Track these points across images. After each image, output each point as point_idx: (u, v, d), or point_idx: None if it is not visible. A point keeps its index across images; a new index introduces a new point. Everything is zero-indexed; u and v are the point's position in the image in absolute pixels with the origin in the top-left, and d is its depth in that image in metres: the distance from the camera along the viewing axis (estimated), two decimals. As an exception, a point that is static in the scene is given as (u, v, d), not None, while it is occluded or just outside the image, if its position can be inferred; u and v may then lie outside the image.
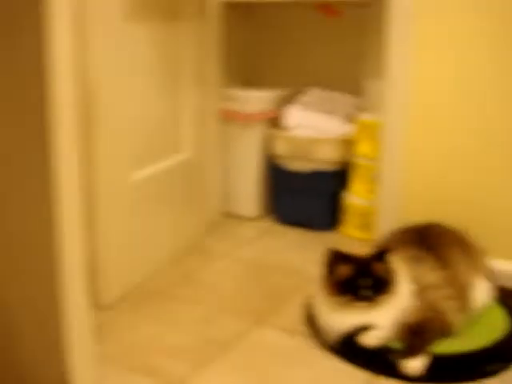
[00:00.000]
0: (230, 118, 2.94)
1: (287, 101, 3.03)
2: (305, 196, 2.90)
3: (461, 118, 2.25)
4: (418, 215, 2.17)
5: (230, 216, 3.04)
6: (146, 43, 2.26)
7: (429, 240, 2.01)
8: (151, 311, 2.09)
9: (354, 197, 2.80)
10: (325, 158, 2.83)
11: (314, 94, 3.00)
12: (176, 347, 1.87)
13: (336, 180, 2.87)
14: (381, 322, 1.75)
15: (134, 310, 2.09)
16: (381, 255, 1.79)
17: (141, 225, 2.30)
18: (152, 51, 2.30)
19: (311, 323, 1.95)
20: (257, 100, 2.93)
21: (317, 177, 2.85)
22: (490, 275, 2.07)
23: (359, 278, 1.74)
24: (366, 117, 2.75)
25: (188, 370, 1.75)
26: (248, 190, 3.03)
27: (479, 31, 2.16)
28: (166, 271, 2.40)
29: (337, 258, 1.79)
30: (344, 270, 1.77)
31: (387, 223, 2.34)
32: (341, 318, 1.78)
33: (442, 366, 1.72)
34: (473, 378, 1.72)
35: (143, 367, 1.76)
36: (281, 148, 2.92)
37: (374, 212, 2.53)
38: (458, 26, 2.18)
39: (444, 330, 1.80)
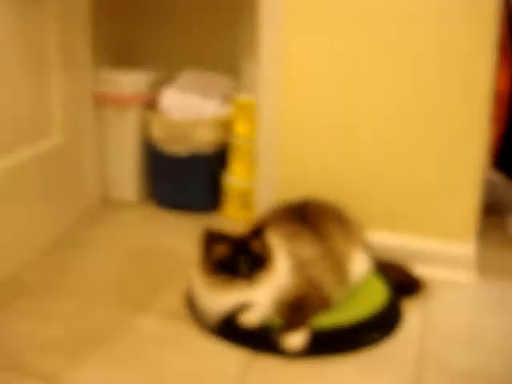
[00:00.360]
0: (104, 101, 2.82)
1: (163, 83, 2.95)
2: (184, 179, 2.84)
3: (332, 99, 2.26)
4: (296, 194, 2.16)
5: (109, 203, 2.92)
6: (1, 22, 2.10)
7: (306, 216, 2.01)
8: (21, 306, 1.96)
9: (234, 178, 2.77)
10: (202, 140, 2.77)
11: (190, 76, 2.93)
12: (49, 342, 1.76)
13: (215, 162, 2.83)
14: (260, 299, 1.73)
15: (2, 306, 1.95)
16: (257, 233, 1.76)
17: (8, 216, 2.16)
18: (8, 31, 2.14)
19: (192, 307, 1.89)
20: (131, 82, 2.82)
21: (195, 159, 2.79)
22: (368, 248, 2.11)
23: (236, 257, 1.71)
24: (242, 97, 2.73)
25: (62, 366, 1.65)
26: (126, 176, 2.93)
27: (350, 14, 2.17)
28: (39, 263, 2.26)
29: (213, 238, 1.74)
30: (221, 250, 1.73)
31: (266, 203, 2.33)
32: (220, 299, 1.74)
33: (321, 340, 1.72)
34: (351, 349, 1.74)
35: (13, 365, 1.65)
36: (157, 131, 2.83)
37: (253, 193, 2.51)
38: (330, 7, 2.19)
39: (323, 304, 1.81)
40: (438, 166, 2.21)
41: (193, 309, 1.88)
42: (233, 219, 2.74)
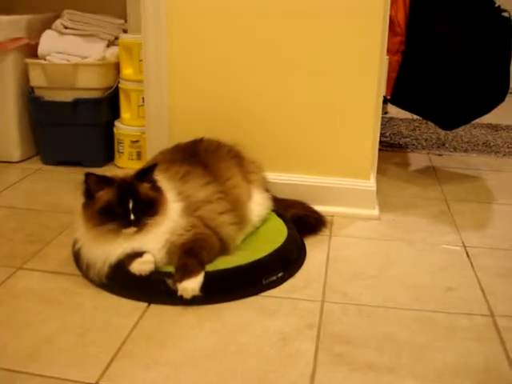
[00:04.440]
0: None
1: (43, 26, 2.70)
2: (71, 130, 2.63)
3: (220, 31, 2.12)
4: (189, 137, 2.02)
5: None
6: None
7: (199, 156, 1.89)
8: None
9: (124, 125, 2.60)
10: (87, 85, 2.57)
11: (72, 17, 2.69)
12: None
13: (103, 109, 2.63)
14: (151, 246, 1.59)
15: None
16: (145, 174, 1.62)
17: None
18: None
19: (79, 261, 1.72)
20: (5, 26, 2.57)
21: (81, 107, 2.58)
22: (268, 187, 2.03)
23: (123, 202, 1.55)
24: (127, 38, 2.54)
25: None
26: (7, 131, 2.69)
27: None
28: None
29: (96, 183, 1.58)
30: (105, 195, 1.57)
31: (158, 147, 2.17)
32: (107, 249, 1.58)
33: (220, 283, 1.61)
34: (253, 292, 1.64)
35: None
36: (38, 79, 2.60)
37: (145, 138, 2.35)
38: None
39: (221, 246, 1.69)
40: (334, 104, 2.12)
41: (80, 263, 1.71)
42: (127, 170, 2.56)
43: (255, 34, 2.10)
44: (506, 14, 2.38)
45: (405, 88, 2.47)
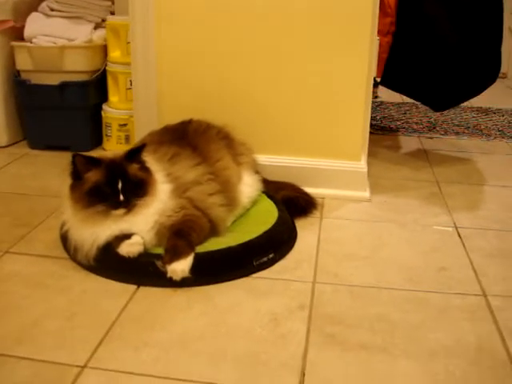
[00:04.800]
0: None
1: (29, 8, 2.65)
2: (58, 114, 2.59)
3: (208, 12, 2.09)
4: (178, 118, 1.99)
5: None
6: None
7: (188, 137, 1.86)
8: None
9: (112, 108, 2.56)
10: (74, 68, 2.53)
11: None
12: None
13: (90, 92, 2.60)
14: (139, 227, 1.56)
15: None
16: (133, 155, 1.59)
17: None
18: None
19: (66, 244, 1.70)
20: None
21: (68, 90, 2.54)
22: (258, 169, 2.01)
23: (112, 182, 1.53)
24: (115, 20, 2.50)
25: None
26: (-7, 116, 2.65)
27: None
28: None
29: (84, 164, 1.55)
30: (94, 176, 1.54)
31: (146, 131, 2.14)
32: (96, 231, 1.55)
33: (210, 265, 1.59)
34: (244, 273, 1.62)
35: None
36: (24, 62, 2.56)
37: (133, 121, 2.32)
38: None
39: (211, 228, 1.67)
40: (324, 86, 2.10)
41: (67, 246, 1.68)
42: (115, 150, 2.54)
43: (245, 16, 2.07)
44: (497, -7, 2.36)
45: (395, 69, 2.45)
